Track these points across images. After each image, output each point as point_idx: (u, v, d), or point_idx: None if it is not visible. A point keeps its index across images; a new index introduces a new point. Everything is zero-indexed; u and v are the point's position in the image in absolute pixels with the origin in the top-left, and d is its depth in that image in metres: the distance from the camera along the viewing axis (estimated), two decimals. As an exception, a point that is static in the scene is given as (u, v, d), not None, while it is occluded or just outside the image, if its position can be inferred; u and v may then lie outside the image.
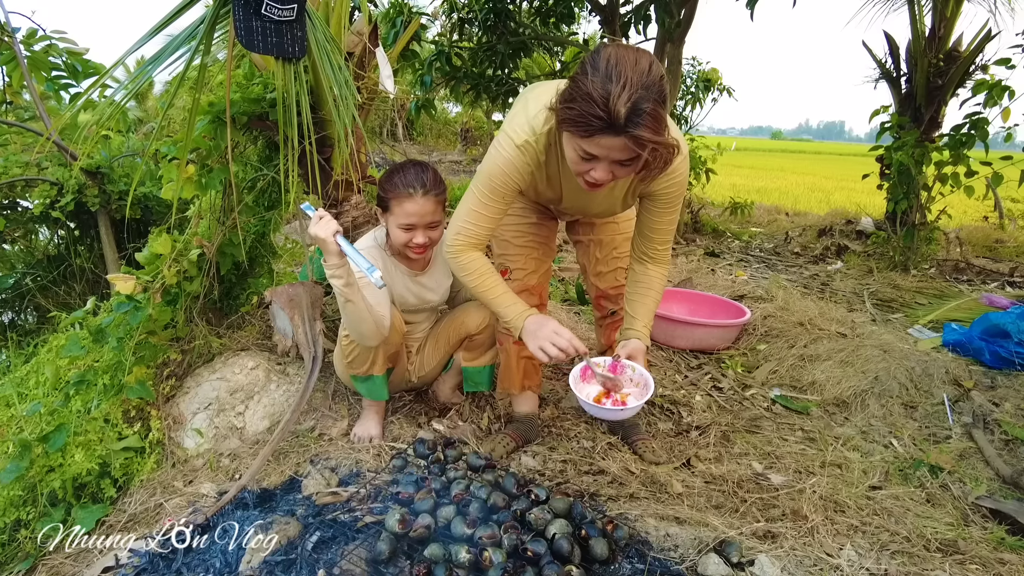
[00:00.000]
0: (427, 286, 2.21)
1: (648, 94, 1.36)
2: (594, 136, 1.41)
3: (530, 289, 2.14)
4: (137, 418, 2.23)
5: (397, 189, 1.97)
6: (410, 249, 2.04)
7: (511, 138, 1.69)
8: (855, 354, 2.89)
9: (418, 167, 2.03)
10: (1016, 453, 2.27)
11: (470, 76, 5.20)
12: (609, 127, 1.37)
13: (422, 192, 1.96)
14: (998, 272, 4.86)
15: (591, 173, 1.51)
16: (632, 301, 1.94)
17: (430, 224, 2.01)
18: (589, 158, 1.48)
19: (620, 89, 1.34)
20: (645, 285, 1.93)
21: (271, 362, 2.42)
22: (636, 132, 1.36)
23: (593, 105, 1.36)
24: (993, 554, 1.65)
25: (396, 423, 2.26)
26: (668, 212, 1.82)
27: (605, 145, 1.42)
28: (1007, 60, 4.28)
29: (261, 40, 1.83)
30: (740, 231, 6.36)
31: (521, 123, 1.69)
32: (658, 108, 1.37)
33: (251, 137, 2.57)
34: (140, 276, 2.27)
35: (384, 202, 2.03)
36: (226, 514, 1.74)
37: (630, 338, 1.89)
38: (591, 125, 1.39)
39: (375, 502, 1.67)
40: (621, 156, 1.44)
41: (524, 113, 1.70)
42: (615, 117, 1.35)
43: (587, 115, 1.38)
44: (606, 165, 1.48)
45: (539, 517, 1.48)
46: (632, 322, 1.92)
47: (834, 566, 1.53)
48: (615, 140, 1.39)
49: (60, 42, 3.21)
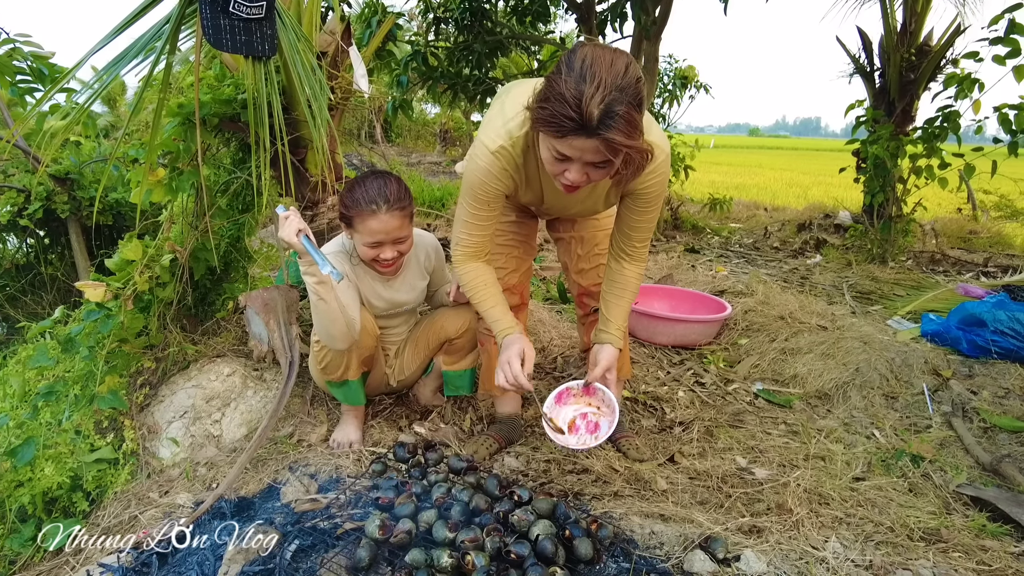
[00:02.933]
0: (399, 289, 2.17)
1: (622, 96, 1.34)
2: (566, 137, 1.39)
3: (511, 288, 2.12)
4: (110, 429, 2.17)
5: (359, 206, 1.87)
6: (379, 264, 1.98)
7: (486, 145, 1.67)
8: (836, 346, 2.90)
9: (380, 180, 1.92)
10: (995, 440, 2.30)
11: (447, 76, 5.17)
12: (581, 128, 1.35)
13: (386, 208, 1.87)
14: (973, 263, 4.93)
15: (565, 175, 1.49)
16: (607, 302, 1.92)
17: (397, 239, 1.93)
18: (563, 159, 1.46)
19: (593, 90, 1.32)
20: (621, 285, 1.90)
21: (248, 368, 2.38)
22: (608, 135, 1.34)
23: (566, 106, 1.34)
24: (975, 541, 1.66)
25: (376, 427, 2.23)
26: (648, 211, 1.80)
27: (578, 147, 1.40)
28: (975, 53, 4.33)
29: (229, 39, 1.79)
30: (719, 227, 6.39)
31: (497, 128, 1.67)
32: (632, 111, 1.36)
33: (223, 139, 2.53)
34: (110, 283, 2.22)
35: (347, 219, 1.94)
36: (203, 524, 1.69)
37: (604, 342, 1.88)
38: (563, 126, 1.37)
39: (355, 508, 1.64)
40: (594, 158, 1.42)
41: (501, 116, 1.69)
42: (587, 118, 1.33)
43: (559, 115, 1.36)
44: (580, 167, 1.46)
45: (522, 519, 1.46)
46: (607, 324, 1.91)
47: (820, 559, 1.52)
48: (587, 142, 1.38)
49: (25, 45, 3.12)
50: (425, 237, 2.23)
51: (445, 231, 5.53)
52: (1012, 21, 4.05)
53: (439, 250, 2.27)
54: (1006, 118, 4.24)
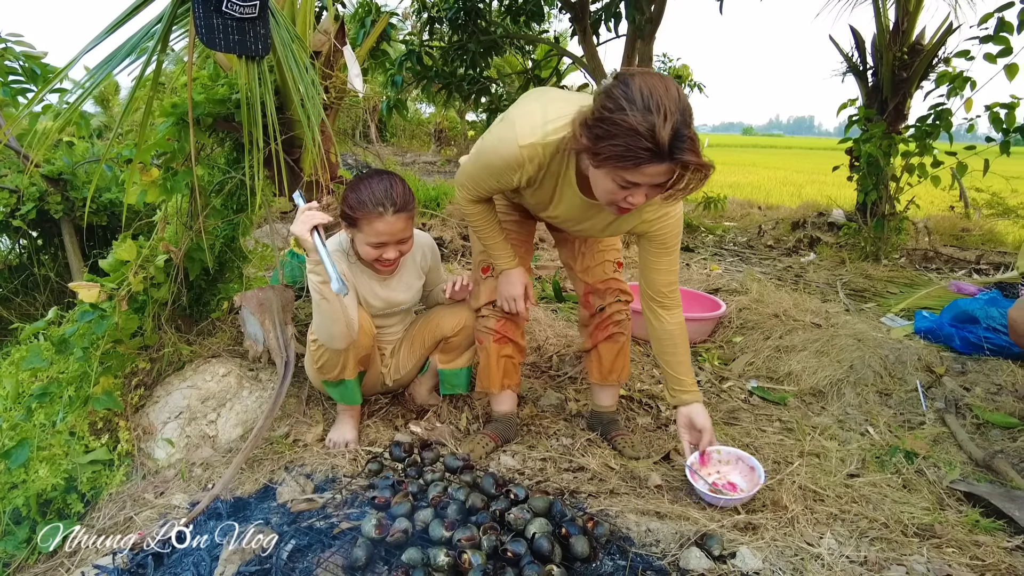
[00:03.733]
0: (395, 289, 2.17)
1: (684, 118, 1.42)
2: (640, 167, 1.44)
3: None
4: (105, 430, 2.16)
5: (366, 208, 1.88)
6: (380, 263, 1.99)
7: (518, 136, 1.68)
8: (830, 344, 2.92)
9: (386, 181, 1.92)
10: (987, 436, 2.31)
11: (441, 75, 5.16)
12: (656, 156, 1.41)
13: (393, 211, 1.87)
14: (965, 260, 4.96)
15: (628, 199, 1.53)
16: (667, 361, 1.96)
17: (400, 240, 1.95)
18: (629, 186, 1.51)
19: (662, 120, 1.38)
20: (669, 341, 1.94)
21: (243, 368, 2.37)
22: (682, 157, 1.41)
23: (640, 139, 1.39)
24: (968, 536, 1.67)
25: (372, 427, 2.23)
26: (665, 254, 1.86)
27: (650, 173, 1.45)
28: (966, 52, 4.36)
29: (222, 38, 1.78)
30: (713, 226, 6.41)
31: (535, 124, 1.68)
32: (692, 131, 1.44)
33: (217, 139, 2.52)
34: (105, 283, 2.21)
35: (351, 219, 1.93)
36: (199, 525, 1.69)
37: (688, 403, 1.94)
38: (639, 157, 1.42)
39: (351, 508, 1.64)
40: (662, 179, 1.48)
41: (543, 114, 1.69)
42: (661, 147, 1.39)
43: (634, 148, 1.41)
44: (644, 191, 1.52)
45: (518, 517, 1.46)
46: (680, 383, 1.94)
47: (815, 555, 1.53)
48: (660, 167, 1.44)
49: (17, 45, 3.11)
50: (421, 237, 2.23)
51: (440, 230, 5.52)
52: (1002, 20, 4.08)
53: (435, 250, 2.27)
54: (997, 117, 4.27)
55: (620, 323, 2.19)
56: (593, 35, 5.14)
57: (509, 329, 2.15)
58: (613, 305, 2.17)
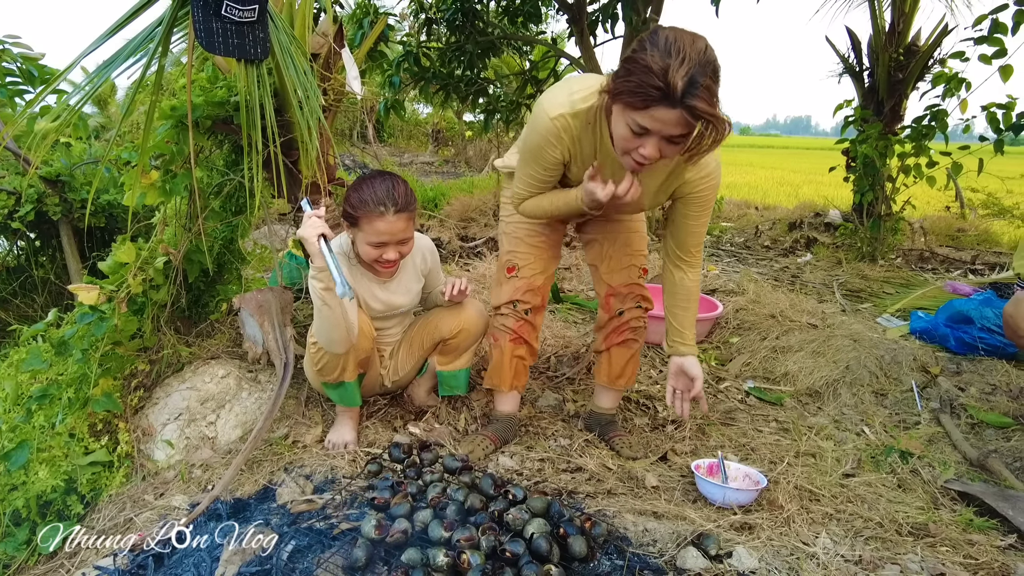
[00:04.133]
0: (395, 291, 2.18)
1: (704, 69, 1.40)
2: (650, 108, 1.43)
3: (535, 288, 2.13)
4: (104, 431, 2.17)
5: (367, 207, 1.90)
6: (380, 264, 2.01)
7: (547, 111, 1.72)
8: (826, 344, 2.93)
9: (388, 181, 1.95)
10: (982, 436, 2.33)
11: (439, 76, 5.17)
12: (666, 98, 1.40)
13: (394, 210, 1.90)
14: (960, 260, 4.98)
15: (640, 150, 1.52)
16: (675, 314, 1.99)
17: (401, 240, 1.97)
18: (641, 132, 1.49)
19: (679, 63, 1.38)
20: (684, 296, 1.98)
21: (242, 370, 2.38)
22: (692, 103, 1.39)
23: (652, 76, 1.39)
24: (962, 536, 1.69)
25: (371, 428, 2.24)
26: (702, 215, 1.87)
27: (660, 118, 1.44)
28: (961, 53, 4.38)
29: (222, 42, 1.79)
30: (711, 226, 6.43)
31: (560, 99, 1.72)
32: (713, 84, 1.41)
33: (216, 141, 2.53)
34: (104, 285, 2.22)
35: (353, 219, 1.96)
36: (199, 526, 1.70)
37: (685, 354, 1.97)
38: (649, 95, 1.41)
39: (351, 509, 1.65)
40: (673, 131, 1.46)
41: (566, 90, 1.74)
42: (672, 88, 1.38)
43: (645, 85, 1.41)
44: (656, 141, 1.49)
45: (517, 517, 1.47)
46: (681, 336, 1.99)
47: (810, 554, 1.54)
48: (670, 113, 1.42)
49: (14, 47, 3.11)
50: (421, 240, 2.24)
51: (439, 231, 5.54)
52: (995, 21, 4.10)
53: (434, 252, 2.29)
54: (994, 117, 4.29)
55: (636, 329, 2.19)
56: (590, 36, 5.15)
57: (526, 331, 2.15)
58: (633, 311, 2.16)
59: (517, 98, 5.62)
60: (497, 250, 4.91)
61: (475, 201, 6.21)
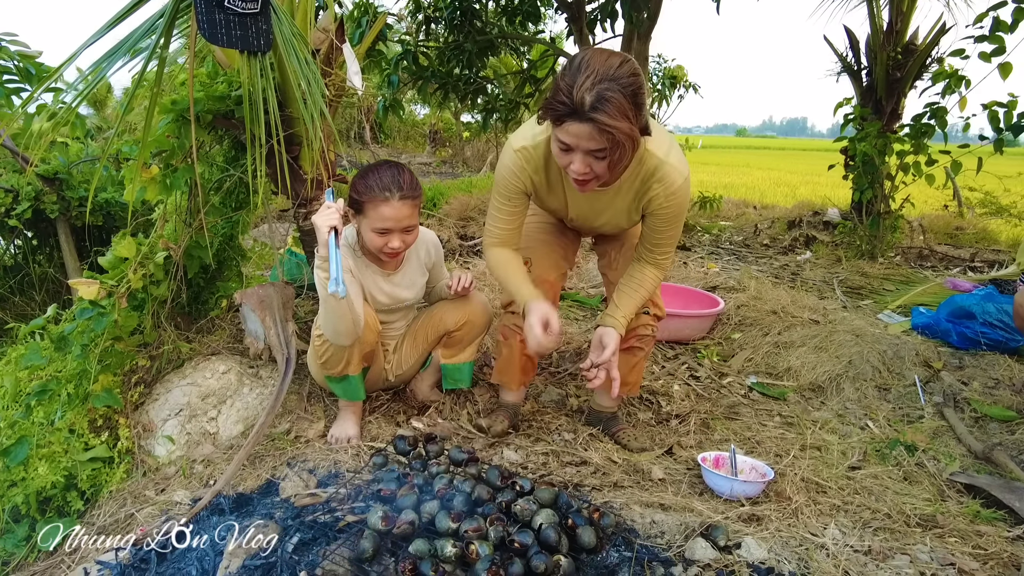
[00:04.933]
0: (400, 285, 2.18)
1: (613, 85, 1.46)
2: (563, 124, 1.53)
3: (549, 282, 2.14)
4: (104, 427, 2.15)
5: (372, 192, 1.91)
6: (384, 253, 2.01)
7: (511, 144, 1.86)
8: (828, 340, 2.93)
9: (394, 169, 1.97)
10: (986, 429, 2.33)
11: (437, 75, 5.16)
12: (573, 113, 1.48)
13: (399, 196, 1.91)
14: (959, 258, 4.99)
15: (571, 167, 1.60)
16: (621, 293, 1.99)
17: (406, 228, 1.97)
18: (566, 148, 1.58)
19: (584, 79, 1.46)
20: (638, 282, 1.98)
21: (243, 366, 2.36)
22: (596, 116, 1.46)
23: (560, 93, 1.50)
24: (970, 527, 1.68)
25: (374, 423, 2.22)
26: (669, 228, 1.90)
27: (573, 132, 1.52)
28: (961, 51, 4.38)
29: (225, 33, 1.78)
30: (709, 225, 6.43)
31: (525, 132, 1.85)
32: (623, 99, 1.47)
33: (216, 136, 2.51)
34: (104, 281, 2.20)
35: (358, 205, 1.96)
36: (201, 520, 1.68)
37: (610, 326, 1.92)
38: (557, 111, 1.52)
39: (356, 501, 1.63)
40: (590, 145, 1.53)
41: (531, 126, 1.85)
42: (578, 103, 1.46)
43: (555, 102, 1.52)
44: (581, 156, 1.57)
45: (525, 508, 1.46)
46: (615, 311, 1.96)
47: (819, 545, 1.54)
48: (581, 127, 1.50)
49: (11, 45, 3.09)
50: (425, 234, 2.24)
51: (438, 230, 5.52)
52: (997, 19, 4.11)
53: (438, 246, 2.28)
54: (995, 115, 4.29)
55: (643, 338, 2.15)
56: (589, 35, 5.15)
57: None
58: (641, 317, 2.11)
59: (515, 97, 5.61)
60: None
61: (474, 200, 6.20)
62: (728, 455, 1.91)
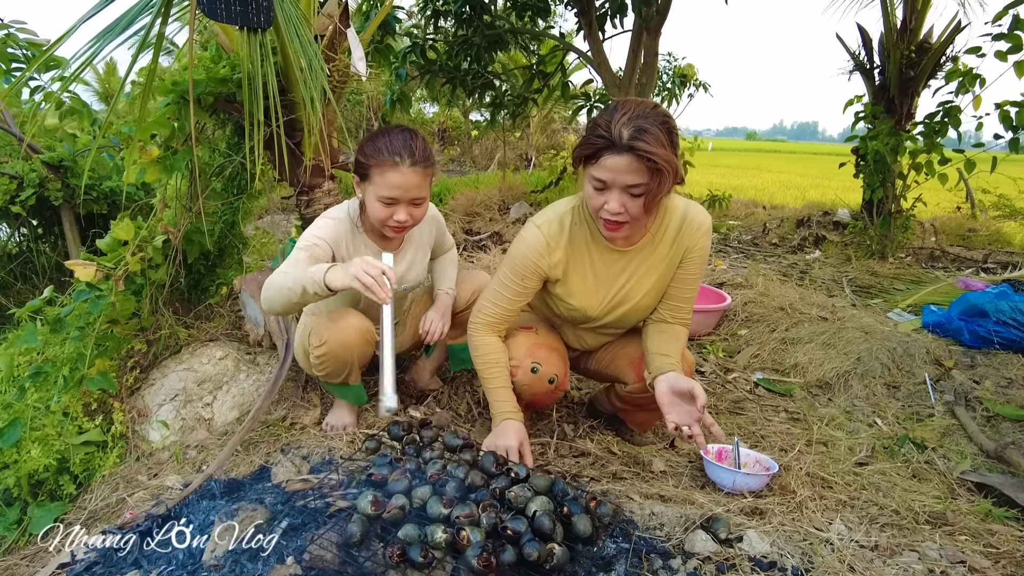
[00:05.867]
0: (399, 267, 2.05)
1: (649, 121, 1.50)
2: (600, 157, 1.53)
3: (558, 351, 1.98)
4: (99, 411, 2.13)
5: (381, 155, 1.75)
6: (388, 228, 1.84)
7: (533, 221, 1.80)
8: (837, 336, 2.87)
9: (406, 133, 1.81)
10: (998, 429, 2.26)
11: (446, 70, 5.13)
12: (612, 144, 1.50)
13: (409, 162, 1.75)
14: (972, 259, 4.91)
15: (606, 207, 1.58)
16: (661, 342, 1.81)
17: (414, 200, 1.80)
18: (601, 187, 1.57)
19: (622, 115, 1.51)
20: (673, 335, 1.83)
21: (240, 352, 2.34)
22: (636, 144, 1.47)
23: (598, 128, 1.54)
24: (981, 525, 1.63)
25: (371, 411, 2.18)
26: (698, 271, 1.83)
27: (610, 167, 1.53)
28: (977, 48, 4.31)
29: (224, 8, 1.75)
30: (718, 223, 6.36)
31: (545, 211, 1.82)
32: (660, 131, 1.50)
33: (219, 121, 2.49)
34: (102, 263, 2.18)
35: (364, 169, 1.79)
36: (191, 505, 1.65)
37: (671, 370, 1.71)
38: (596, 144, 1.53)
39: (348, 488, 1.60)
40: (628, 179, 1.52)
41: (551, 205, 1.84)
42: (616, 136, 1.49)
43: (592, 137, 1.55)
44: (617, 194, 1.56)
45: (519, 495, 1.42)
46: (662, 358, 1.75)
47: (824, 540, 1.48)
48: (619, 159, 1.51)
49: (20, 32, 3.09)
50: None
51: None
52: (1016, 17, 4.03)
53: (438, 218, 2.17)
54: (1007, 115, 4.22)
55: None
56: (599, 31, 5.11)
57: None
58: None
59: (524, 93, 5.58)
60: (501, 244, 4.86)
61: (480, 196, 6.16)
62: (732, 448, 1.86)
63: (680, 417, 1.67)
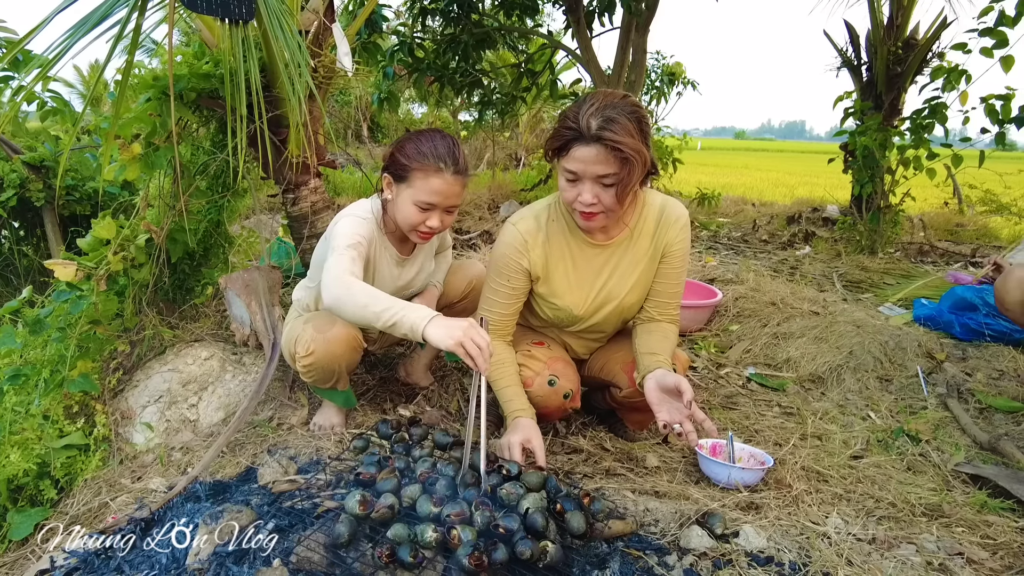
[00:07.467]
0: (410, 272, 2.02)
1: (617, 111, 1.51)
2: (570, 149, 1.55)
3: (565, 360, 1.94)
4: (81, 414, 2.08)
5: (425, 160, 1.70)
6: (417, 232, 1.79)
7: (510, 221, 1.81)
8: (828, 330, 2.86)
9: (449, 140, 1.76)
10: (991, 421, 2.26)
11: (433, 68, 5.10)
12: (579, 137, 1.52)
13: (453, 169, 1.72)
14: (960, 254, 4.93)
15: (580, 198, 1.58)
16: (649, 340, 1.79)
17: (449, 208, 1.78)
18: (573, 178, 1.58)
19: (590, 106, 1.52)
20: (661, 334, 1.81)
21: (226, 352, 2.30)
22: (604, 135, 1.48)
23: (567, 120, 1.55)
24: (977, 517, 1.62)
25: (360, 410, 2.15)
26: (682, 266, 1.84)
27: (580, 157, 1.54)
28: (963, 45, 4.33)
29: (204, 0, 1.71)
30: (708, 221, 6.36)
31: (523, 212, 1.83)
32: (628, 121, 1.51)
33: (202, 118, 2.44)
34: (82, 262, 2.13)
35: (403, 171, 1.74)
36: (175, 507, 1.61)
37: (660, 367, 1.68)
38: (564, 136, 1.55)
39: (336, 488, 1.56)
40: (598, 169, 1.53)
41: (528, 206, 1.85)
42: (585, 127, 1.51)
43: (561, 130, 1.56)
44: (589, 185, 1.56)
45: (511, 492, 1.39)
46: (651, 356, 1.73)
47: (821, 533, 1.47)
48: (587, 149, 1.52)
49: (-1, 31, 3.02)
50: None
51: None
52: (1003, 12, 4.05)
53: None
54: (993, 108, 4.24)
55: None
56: (587, 28, 5.09)
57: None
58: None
59: (512, 91, 5.55)
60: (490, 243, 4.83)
61: (469, 195, 6.13)
62: (726, 443, 1.84)
63: (670, 415, 1.66)
